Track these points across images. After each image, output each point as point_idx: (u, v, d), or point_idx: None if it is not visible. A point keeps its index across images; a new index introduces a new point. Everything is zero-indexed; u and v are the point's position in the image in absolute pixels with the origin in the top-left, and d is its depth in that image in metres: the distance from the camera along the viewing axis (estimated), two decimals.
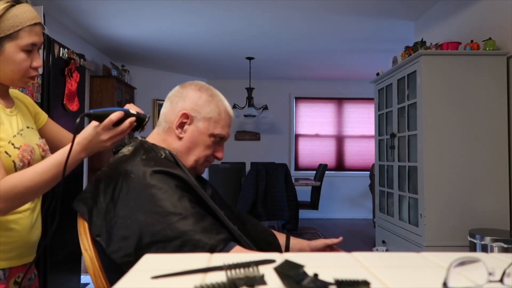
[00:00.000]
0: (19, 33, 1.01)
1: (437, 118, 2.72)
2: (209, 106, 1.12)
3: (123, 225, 0.93)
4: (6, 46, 1.01)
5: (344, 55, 5.60)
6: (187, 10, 3.98)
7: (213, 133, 1.11)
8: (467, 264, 0.55)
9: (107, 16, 4.14)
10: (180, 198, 0.94)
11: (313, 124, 7.27)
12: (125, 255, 0.91)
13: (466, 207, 2.68)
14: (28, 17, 1.03)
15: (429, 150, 2.71)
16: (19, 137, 1.08)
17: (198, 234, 0.90)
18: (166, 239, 0.89)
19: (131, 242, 0.91)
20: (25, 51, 1.03)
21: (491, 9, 2.95)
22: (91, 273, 0.99)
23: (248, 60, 5.78)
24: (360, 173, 7.07)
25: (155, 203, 0.93)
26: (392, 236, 3.35)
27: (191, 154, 1.11)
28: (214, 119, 1.11)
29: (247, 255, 0.69)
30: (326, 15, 4.04)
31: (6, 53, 1.02)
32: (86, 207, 1.00)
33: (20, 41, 1.02)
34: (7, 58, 1.02)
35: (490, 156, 2.70)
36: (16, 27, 1.01)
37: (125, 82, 5.55)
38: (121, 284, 0.54)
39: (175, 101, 1.14)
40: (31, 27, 1.03)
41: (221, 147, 1.16)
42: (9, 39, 1.01)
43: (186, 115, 1.10)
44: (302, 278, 0.52)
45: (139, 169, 0.98)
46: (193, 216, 0.92)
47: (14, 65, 1.04)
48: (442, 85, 2.73)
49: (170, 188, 0.95)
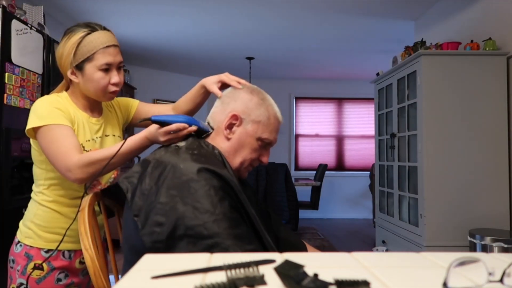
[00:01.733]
0: (94, 56, 1.21)
1: (437, 118, 2.72)
2: (259, 110, 1.12)
3: (161, 211, 0.93)
4: (86, 67, 1.22)
5: (344, 55, 5.60)
6: (187, 11, 3.98)
7: (260, 137, 1.12)
8: (467, 264, 0.55)
9: (107, 16, 4.14)
10: (221, 199, 0.94)
11: (313, 124, 7.27)
12: (156, 241, 0.92)
13: (466, 207, 2.68)
14: (102, 41, 1.22)
15: (429, 150, 2.71)
16: (92, 142, 1.29)
17: (230, 240, 0.90)
18: (198, 236, 0.90)
19: (165, 230, 0.91)
20: (102, 70, 1.22)
21: (491, 9, 2.95)
22: (91, 272, 0.99)
23: (248, 60, 5.78)
24: (360, 173, 7.07)
25: (196, 198, 0.93)
26: (392, 236, 3.35)
27: (238, 156, 1.11)
28: (263, 123, 1.12)
29: (247, 255, 0.69)
30: (326, 15, 4.04)
31: (87, 73, 1.22)
32: (131, 185, 1.01)
33: (96, 62, 1.21)
34: (88, 78, 1.23)
35: (490, 156, 2.70)
36: (91, 51, 1.21)
37: (125, 82, 5.55)
38: (121, 284, 0.54)
39: (226, 101, 1.14)
40: (104, 49, 1.22)
41: (267, 152, 1.16)
42: (88, 61, 1.21)
43: (236, 117, 1.10)
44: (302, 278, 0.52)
45: (189, 162, 0.99)
46: (230, 221, 0.92)
47: (94, 83, 1.23)
48: (442, 85, 2.73)
49: (214, 188, 0.95)
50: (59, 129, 1.17)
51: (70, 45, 1.21)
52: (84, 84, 1.25)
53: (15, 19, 2.60)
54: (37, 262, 1.23)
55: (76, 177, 1.13)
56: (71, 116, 1.24)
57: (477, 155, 2.70)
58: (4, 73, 2.48)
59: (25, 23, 2.71)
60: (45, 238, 1.25)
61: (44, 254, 1.25)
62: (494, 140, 2.70)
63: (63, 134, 1.16)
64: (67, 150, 1.13)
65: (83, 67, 1.22)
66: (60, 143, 1.15)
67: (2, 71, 2.47)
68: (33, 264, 1.23)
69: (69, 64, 1.23)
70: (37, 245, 1.25)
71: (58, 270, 1.26)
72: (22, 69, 2.64)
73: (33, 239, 1.25)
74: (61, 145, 1.14)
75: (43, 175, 1.26)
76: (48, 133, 1.17)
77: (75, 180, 1.14)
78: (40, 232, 1.25)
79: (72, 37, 1.22)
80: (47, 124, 1.17)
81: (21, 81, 2.63)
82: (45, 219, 1.26)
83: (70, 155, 1.13)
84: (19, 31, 2.63)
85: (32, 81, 2.75)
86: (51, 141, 1.16)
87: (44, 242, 1.25)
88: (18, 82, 2.59)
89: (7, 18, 2.53)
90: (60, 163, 1.14)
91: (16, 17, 2.63)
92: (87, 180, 1.15)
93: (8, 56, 2.52)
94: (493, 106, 2.71)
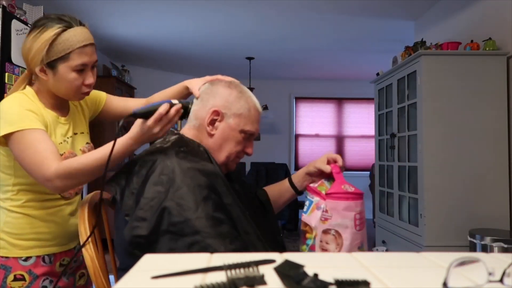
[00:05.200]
0: (70, 55, 1.13)
1: (437, 118, 2.71)
2: (239, 103, 1.13)
3: (145, 206, 0.94)
4: (59, 67, 1.14)
5: (344, 55, 5.60)
6: (187, 10, 3.98)
7: (243, 129, 1.12)
8: (467, 264, 0.55)
9: (107, 16, 4.14)
10: (206, 198, 0.95)
11: (313, 124, 7.27)
12: (138, 235, 0.92)
13: (466, 207, 2.68)
14: (78, 39, 1.14)
15: (429, 150, 2.71)
16: (64, 144, 1.23)
17: (211, 239, 0.90)
18: (181, 233, 0.91)
19: (148, 225, 0.92)
20: (76, 71, 1.15)
21: (491, 9, 2.95)
22: (91, 272, 0.99)
23: (248, 60, 5.78)
24: (360, 173, 7.06)
25: (180, 195, 0.94)
26: (392, 236, 3.34)
27: (223, 151, 1.12)
28: (244, 115, 1.12)
29: (247, 255, 0.69)
30: (326, 15, 4.04)
31: (60, 73, 1.14)
32: (119, 187, 1.02)
33: (71, 62, 1.13)
34: (60, 78, 1.15)
35: (490, 156, 2.70)
36: (67, 50, 1.12)
37: (125, 82, 5.55)
38: (121, 284, 0.54)
39: (205, 98, 1.14)
40: (81, 49, 1.14)
41: (250, 143, 1.17)
42: (62, 61, 1.13)
43: (217, 112, 1.11)
44: (302, 278, 0.52)
45: (175, 159, 1.00)
46: (212, 220, 0.93)
47: (67, 83, 1.16)
48: (442, 85, 2.73)
49: (199, 186, 0.96)
50: (33, 134, 1.08)
51: (43, 41, 1.11)
52: (54, 83, 1.17)
53: (15, 19, 2.60)
54: (17, 273, 1.16)
55: (56, 187, 1.06)
56: (44, 118, 1.16)
57: (477, 155, 2.70)
58: (4, 73, 2.48)
59: (25, 23, 2.71)
60: (20, 245, 1.17)
61: (22, 262, 1.17)
62: (494, 140, 2.70)
63: (37, 139, 1.07)
64: (43, 159, 1.05)
65: (55, 66, 1.13)
66: (35, 149, 1.06)
67: (2, 71, 2.47)
68: (13, 276, 1.15)
69: (40, 61, 1.13)
70: (13, 255, 1.17)
71: (41, 277, 1.18)
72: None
73: (7, 249, 1.17)
74: (36, 153, 1.06)
75: (10, 181, 1.18)
76: (21, 139, 1.07)
77: (55, 190, 1.09)
78: (13, 241, 1.17)
79: (45, 32, 1.12)
80: (19, 129, 1.08)
81: None
82: (17, 225, 1.18)
83: (48, 164, 1.04)
84: (19, 31, 2.63)
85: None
86: (24, 149, 1.07)
87: (20, 250, 1.17)
88: None
89: (7, 18, 2.53)
90: (37, 173, 1.06)
91: (16, 17, 2.63)
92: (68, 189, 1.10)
93: (8, 56, 2.52)
94: (493, 106, 2.71)
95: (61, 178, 1.04)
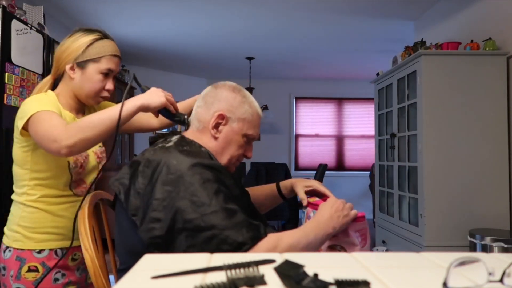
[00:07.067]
0: (101, 59, 1.28)
1: (437, 118, 2.71)
2: (243, 107, 1.15)
3: (158, 207, 0.95)
4: (89, 67, 1.27)
5: (344, 55, 5.60)
6: (187, 10, 3.98)
7: (246, 133, 1.15)
8: (467, 264, 0.55)
9: (107, 16, 4.14)
10: (217, 192, 0.97)
11: (313, 124, 7.27)
12: (155, 236, 0.94)
13: (466, 207, 2.68)
14: (111, 49, 1.30)
15: (429, 150, 2.71)
16: None
17: (228, 230, 0.92)
18: (197, 229, 0.92)
19: (163, 225, 0.94)
20: (102, 74, 1.28)
21: (491, 9, 2.95)
22: (91, 272, 0.99)
23: (248, 60, 5.78)
24: (360, 173, 7.07)
25: (192, 192, 0.95)
26: (392, 236, 3.35)
27: (225, 154, 1.14)
28: (248, 120, 1.15)
29: (247, 255, 0.69)
30: (326, 15, 4.04)
31: (88, 72, 1.27)
32: (123, 187, 1.03)
33: (100, 65, 1.27)
34: (87, 77, 1.27)
35: (490, 156, 2.70)
36: (100, 54, 1.27)
37: (125, 82, 5.54)
38: (121, 284, 0.54)
39: (210, 101, 1.15)
40: (111, 57, 1.30)
41: (250, 147, 1.20)
42: (93, 62, 1.27)
43: (222, 116, 1.13)
44: (302, 278, 0.52)
45: (181, 158, 1.01)
46: (226, 211, 0.95)
47: (91, 84, 1.28)
48: (442, 85, 2.73)
49: (208, 181, 0.98)
50: (48, 113, 1.15)
51: (82, 42, 1.26)
52: (80, 82, 1.28)
53: (15, 19, 2.60)
54: (31, 265, 1.23)
55: (62, 145, 1.07)
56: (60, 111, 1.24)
57: (477, 155, 2.70)
58: (4, 73, 2.48)
59: (25, 23, 2.71)
60: (35, 238, 1.25)
61: (36, 255, 1.24)
62: (494, 140, 2.70)
63: (52, 116, 1.14)
64: (54, 125, 1.11)
65: (86, 66, 1.26)
66: (48, 121, 1.13)
67: (2, 71, 2.47)
68: (27, 267, 1.23)
69: (73, 59, 1.26)
70: (28, 247, 1.24)
71: (54, 270, 1.25)
72: (22, 69, 2.64)
73: (23, 242, 1.24)
74: (48, 123, 1.12)
75: (27, 176, 1.25)
76: (37, 118, 1.14)
77: (61, 149, 1.08)
78: (28, 234, 1.24)
79: (86, 36, 1.27)
80: (36, 111, 1.15)
81: (21, 81, 2.63)
82: (32, 219, 1.25)
83: (57, 128, 1.10)
84: (19, 31, 2.63)
85: (32, 81, 2.75)
86: (39, 123, 1.13)
87: (34, 243, 1.24)
88: (18, 82, 2.59)
89: (7, 18, 2.53)
90: (46, 139, 1.10)
91: (16, 17, 2.63)
92: (75, 149, 1.09)
93: (8, 56, 2.52)
94: (493, 106, 2.71)
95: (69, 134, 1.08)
